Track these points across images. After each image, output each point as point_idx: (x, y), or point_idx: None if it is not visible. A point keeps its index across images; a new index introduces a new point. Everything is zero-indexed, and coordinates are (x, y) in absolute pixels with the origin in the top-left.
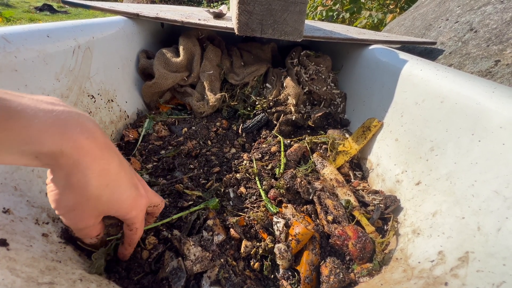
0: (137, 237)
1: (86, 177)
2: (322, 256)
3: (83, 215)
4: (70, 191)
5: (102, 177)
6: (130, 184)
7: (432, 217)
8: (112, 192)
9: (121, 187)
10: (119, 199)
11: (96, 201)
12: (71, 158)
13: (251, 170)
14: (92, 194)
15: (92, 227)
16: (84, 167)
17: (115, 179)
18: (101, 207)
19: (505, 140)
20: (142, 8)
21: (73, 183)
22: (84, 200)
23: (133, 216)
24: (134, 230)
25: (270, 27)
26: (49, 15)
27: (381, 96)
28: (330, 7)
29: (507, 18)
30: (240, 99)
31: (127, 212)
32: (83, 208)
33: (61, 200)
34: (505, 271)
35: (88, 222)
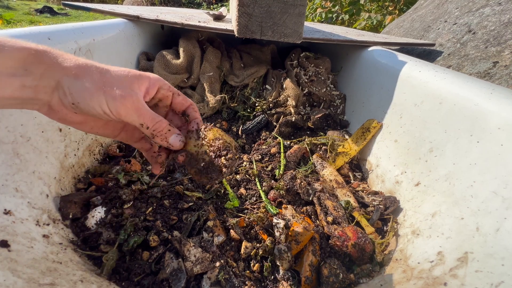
0: (190, 101)
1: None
2: (322, 257)
3: (125, 100)
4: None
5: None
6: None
7: (431, 218)
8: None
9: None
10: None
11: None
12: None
13: (251, 171)
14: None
15: (147, 109)
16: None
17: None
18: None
19: (503, 141)
20: (142, 10)
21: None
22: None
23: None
24: (180, 94)
25: (269, 29)
26: (50, 17)
27: (380, 98)
28: (329, 9)
29: (505, 20)
30: (240, 101)
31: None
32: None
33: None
34: (503, 272)
35: (131, 97)
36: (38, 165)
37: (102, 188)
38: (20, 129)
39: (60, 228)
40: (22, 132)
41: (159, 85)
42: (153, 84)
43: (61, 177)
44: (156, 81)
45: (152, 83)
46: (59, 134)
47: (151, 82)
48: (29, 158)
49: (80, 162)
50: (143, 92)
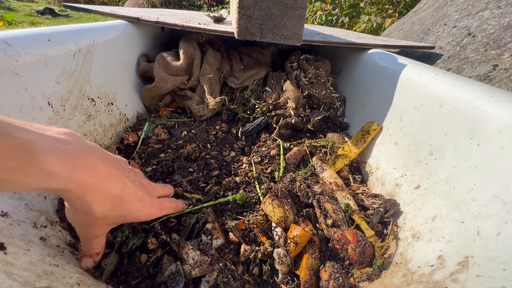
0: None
1: (90, 206)
2: (322, 261)
3: (92, 230)
4: (78, 214)
5: (105, 202)
6: (135, 199)
7: (431, 221)
8: (119, 214)
9: (124, 205)
10: (126, 214)
11: (103, 221)
12: (75, 193)
13: (250, 173)
14: (98, 217)
15: (97, 240)
16: (87, 199)
17: (117, 201)
18: (109, 222)
19: (504, 144)
20: (142, 12)
21: (79, 209)
22: (91, 220)
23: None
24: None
25: (269, 31)
26: (51, 19)
27: (380, 100)
28: (329, 11)
29: (505, 23)
30: (240, 103)
31: (139, 219)
32: (91, 225)
33: (73, 218)
34: (505, 276)
35: (97, 233)
36: None
37: None
38: None
39: (57, 230)
40: None
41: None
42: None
43: None
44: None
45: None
46: None
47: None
48: None
49: None
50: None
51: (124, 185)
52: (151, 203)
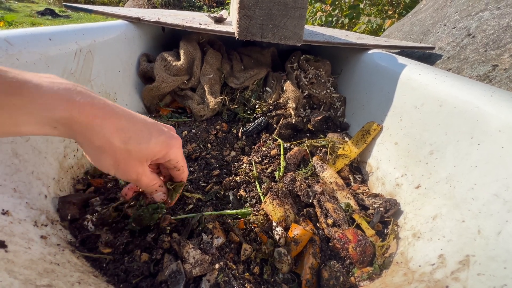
0: (185, 175)
1: (106, 137)
2: (323, 260)
3: (128, 167)
4: (102, 153)
5: (120, 132)
6: (154, 130)
7: (432, 221)
8: (138, 142)
9: (144, 135)
10: (148, 146)
11: (129, 154)
12: (83, 123)
13: (251, 173)
14: (121, 149)
15: (145, 175)
16: (98, 129)
17: (134, 131)
18: (137, 156)
19: (504, 144)
20: (143, 12)
21: (100, 146)
22: (118, 155)
23: (173, 156)
24: (181, 169)
25: (270, 31)
26: (51, 20)
27: (380, 100)
28: (329, 12)
29: (504, 24)
30: (240, 103)
31: (164, 153)
32: (123, 162)
33: (102, 163)
34: (506, 275)
35: (137, 170)
36: (37, 165)
37: (101, 189)
38: None
39: (58, 229)
40: None
41: (171, 158)
42: (165, 158)
43: (60, 178)
44: (172, 155)
45: (166, 157)
46: None
47: (166, 157)
48: (28, 158)
49: (79, 163)
50: (150, 160)
51: (133, 117)
52: (171, 136)
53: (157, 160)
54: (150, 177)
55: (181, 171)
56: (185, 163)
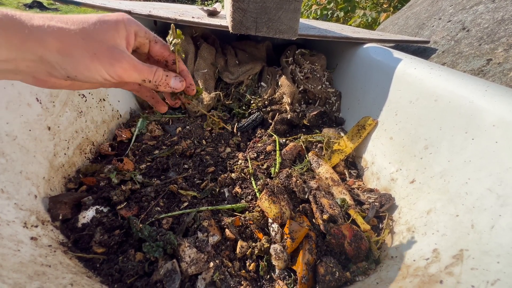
0: (167, 47)
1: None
2: (318, 256)
3: (113, 55)
4: (73, 53)
5: (67, 23)
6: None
7: (426, 215)
8: (95, 27)
9: (92, 21)
10: (107, 27)
11: (95, 42)
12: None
13: (246, 170)
14: (85, 38)
15: (137, 62)
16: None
17: (79, 19)
18: (109, 40)
19: (498, 138)
20: (134, 5)
21: (60, 46)
22: (90, 47)
23: (135, 26)
24: (158, 41)
25: (264, 25)
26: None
27: (375, 95)
28: (324, 5)
29: (498, 18)
30: (235, 98)
31: (128, 29)
32: (100, 51)
33: (84, 65)
34: (499, 269)
35: (128, 58)
36: (25, 164)
37: (93, 188)
38: (5, 128)
39: (49, 229)
40: (7, 130)
41: (135, 31)
42: (130, 31)
43: (51, 177)
44: (132, 26)
45: (129, 30)
46: (47, 133)
47: (128, 30)
48: (16, 157)
49: (70, 161)
50: (126, 44)
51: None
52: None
53: (129, 42)
54: (143, 63)
55: (160, 43)
56: (156, 35)
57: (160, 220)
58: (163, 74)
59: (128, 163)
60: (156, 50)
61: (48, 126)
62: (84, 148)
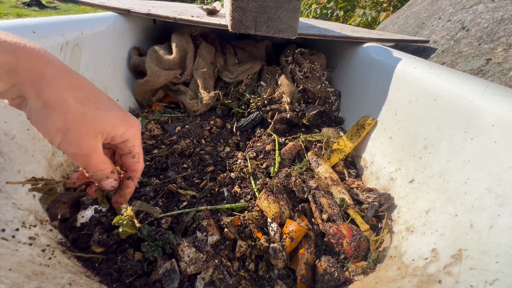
0: (141, 167)
1: (59, 90)
2: (317, 255)
3: (79, 135)
4: (52, 111)
5: (77, 90)
6: (115, 103)
7: (425, 215)
8: (96, 107)
9: (103, 102)
10: (107, 115)
11: (83, 118)
12: (33, 70)
13: (245, 169)
14: (76, 110)
15: (97, 153)
16: (51, 78)
17: (93, 94)
18: (93, 124)
19: (497, 138)
20: (133, 4)
21: (50, 101)
22: (71, 116)
23: (131, 135)
24: (136, 157)
25: (264, 24)
26: (38, 11)
27: (375, 94)
28: (324, 5)
29: (498, 17)
30: (234, 97)
31: (123, 131)
32: (75, 127)
33: (49, 125)
34: (498, 269)
35: (89, 142)
36: (24, 164)
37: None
38: (3, 127)
39: (48, 229)
40: (6, 129)
41: (128, 138)
42: (122, 137)
43: (49, 177)
44: (128, 134)
45: (123, 136)
46: None
47: (122, 136)
48: (14, 157)
49: (69, 161)
50: (107, 135)
51: (92, 83)
52: (130, 115)
53: (112, 139)
54: (102, 157)
55: (136, 159)
56: (141, 152)
57: (159, 220)
58: (105, 175)
59: None
60: (127, 162)
61: None
62: None
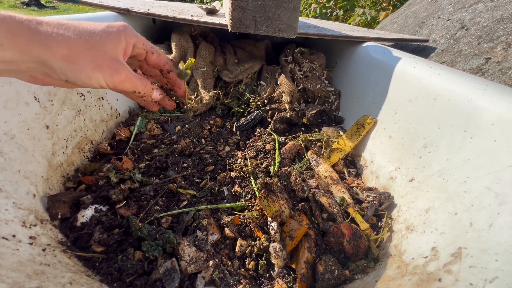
0: (165, 58)
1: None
2: (318, 254)
3: (112, 65)
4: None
5: (72, 31)
6: (103, 27)
7: (425, 214)
8: (99, 36)
9: (96, 31)
10: (110, 39)
11: (99, 51)
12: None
13: (245, 168)
14: (89, 47)
15: (132, 74)
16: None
17: (83, 27)
18: (110, 51)
19: (496, 137)
20: (133, 3)
21: (66, 53)
22: (93, 55)
23: (134, 37)
24: (154, 51)
25: (263, 23)
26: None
27: (374, 94)
28: (324, 4)
29: (497, 16)
30: (234, 97)
31: (128, 40)
32: (102, 61)
33: (86, 73)
34: (497, 267)
35: (121, 66)
36: (24, 163)
37: (92, 187)
38: (3, 126)
39: (48, 228)
40: (5, 129)
41: (134, 42)
42: (129, 43)
43: (49, 176)
44: (131, 38)
45: (128, 42)
46: (46, 132)
47: (128, 42)
48: (14, 156)
49: (69, 160)
50: (124, 55)
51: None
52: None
53: (126, 52)
54: (137, 76)
55: (156, 54)
56: (154, 46)
57: (159, 219)
58: (150, 87)
59: (127, 162)
60: (153, 60)
61: (46, 124)
62: (83, 147)
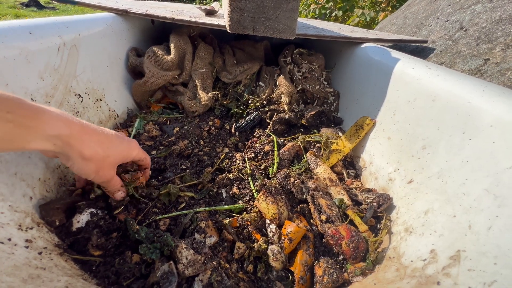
0: (149, 162)
1: (93, 148)
2: (316, 256)
3: (105, 171)
4: (89, 162)
5: (101, 143)
6: (120, 138)
7: (424, 216)
8: (114, 149)
9: (115, 144)
10: (121, 150)
11: (107, 159)
12: (77, 138)
13: (244, 170)
14: (103, 157)
15: (114, 177)
16: (88, 142)
17: (109, 141)
18: (112, 161)
19: (495, 139)
20: (131, 4)
21: (88, 156)
22: (100, 162)
23: (136, 153)
24: (145, 160)
25: (262, 24)
26: (36, 11)
27: (373, 95)
28: (323, 5)
29: (496, 17)
30: (233, 98)
31: (131, 153)
32: (103, 167)
33: (87, 170)
34: (496, 270)
35: (110, 172)
36: (20, 166)
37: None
38: None
39: (45, 231)
40: None
41: (133, 156)
42: (129, 158)
43: (46, 178)
44: (132, 154)
45: (132, 159)
46: None
47: (132, 159)
48: (10, 158)
49: None
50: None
51: (104, 131)
52: (130, 140)
53: (122, 161)
54: (117, 179)
55: (145, 161)
56: (146, 153)
57: (157, 222)
58: (117, 189)
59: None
60: (139, 163)
61: None
62: None
